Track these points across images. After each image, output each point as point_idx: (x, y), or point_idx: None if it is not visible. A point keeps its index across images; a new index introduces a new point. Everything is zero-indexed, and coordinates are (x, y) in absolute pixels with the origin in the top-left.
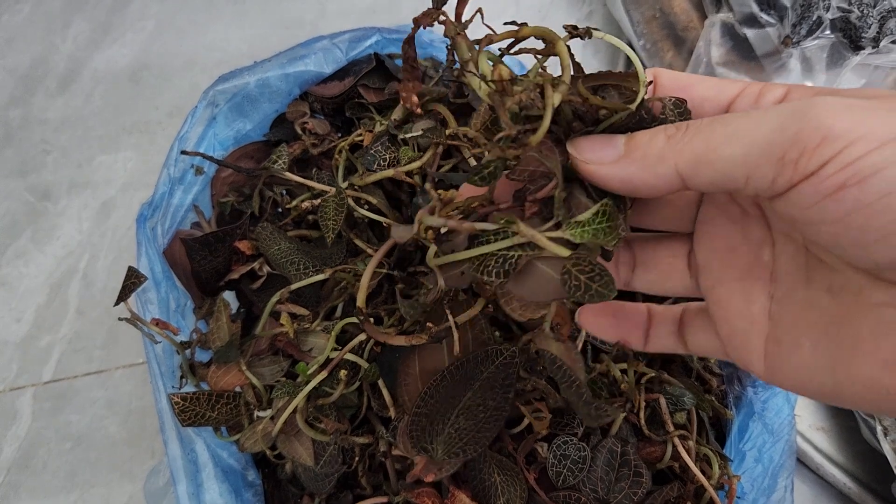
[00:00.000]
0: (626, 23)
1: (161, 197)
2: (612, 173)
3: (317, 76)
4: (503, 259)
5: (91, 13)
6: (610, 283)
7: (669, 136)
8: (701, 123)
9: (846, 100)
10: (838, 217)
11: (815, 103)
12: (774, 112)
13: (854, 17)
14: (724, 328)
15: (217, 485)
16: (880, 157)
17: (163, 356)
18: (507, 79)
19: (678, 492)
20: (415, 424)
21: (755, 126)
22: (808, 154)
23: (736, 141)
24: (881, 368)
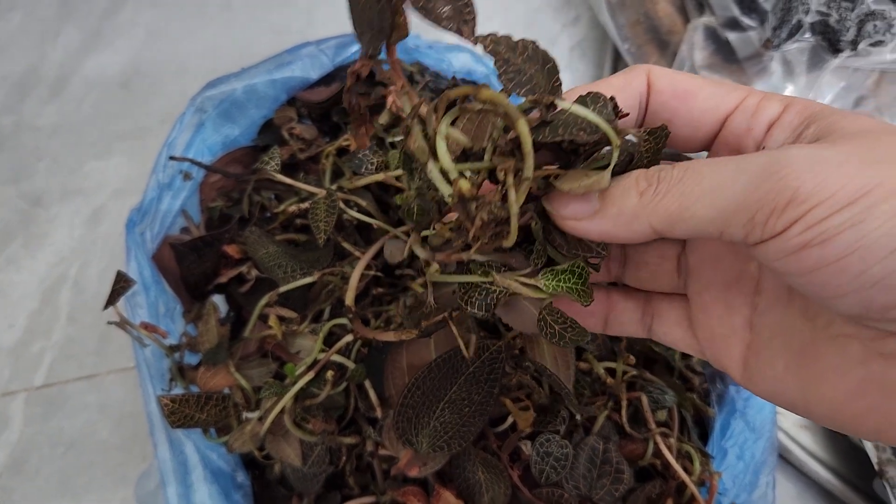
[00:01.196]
0: (612, 27)
1: (150, 202)
2: (588, 228)
3: (304, 82)
4: (486, 292)
5: (82, 21)
6: (581, 333)
7: (642, 193)
8: (672, 178)
9: (818, 152)
10: (803, 273)
11: (784, 160)
12: (748, 166)
13: (833, 21)
14: (704, 331)
15: (207, 486)
16: (840, 220)
17: (152, 360)
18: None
19: (660, 489)
20: (401, 416)
21: (726, 187)
22: (775, 216)
23: (707, 202)
24: (844, 398)
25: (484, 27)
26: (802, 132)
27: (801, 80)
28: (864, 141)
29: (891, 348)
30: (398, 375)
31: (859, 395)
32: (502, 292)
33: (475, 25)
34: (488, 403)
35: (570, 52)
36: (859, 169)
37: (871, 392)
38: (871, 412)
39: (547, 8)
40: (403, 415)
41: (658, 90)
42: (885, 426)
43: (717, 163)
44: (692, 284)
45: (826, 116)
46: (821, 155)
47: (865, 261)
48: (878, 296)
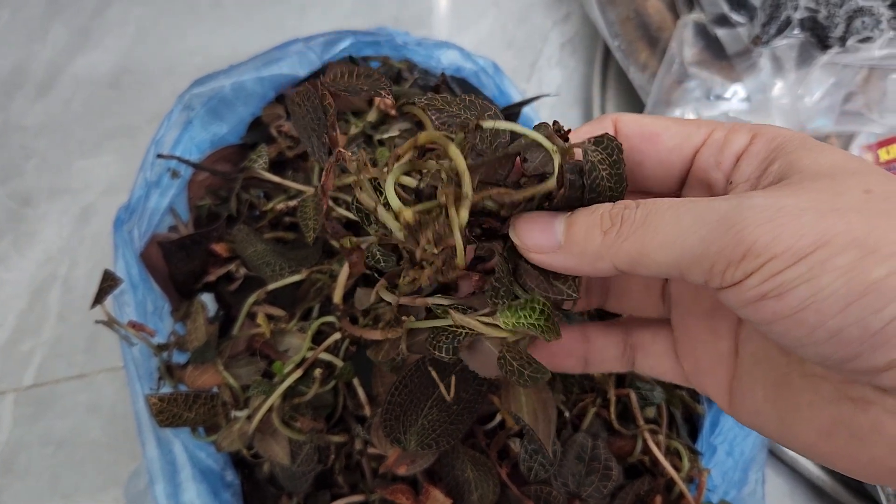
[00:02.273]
0: (602, 24)
1: (137, 200)
2: (553, 262)
3: (292, 79)
4: (452, 335)
5: (71, 18)
6: (541, 369)
7: (605, 233)
8: (634, 221)
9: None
10: (762, 322)
11: (742, 211)
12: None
13: (821, 17)
14: (689, 360)
15: (195, 485)
16: (795, 274)
17: (140, 359)
18: (412, 222)
19: (649, 485)
20: (388, 414)
21: (683, 238)
22: (732, 267)
23: (667, 250)
24: (815, 437)
25: (475, 25)
26: (767, 167)
27: (790, 77)
28: (824, 185)
29: (857, 393)
30: (386, 374)
31: (830, 436)
32: (466, 334)
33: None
34: (476, 401)
35: (561, 48)
36: (816, 220)
37: (840, 434)
38: (840, 454)
39: (538, 5)
40: (391, 413)
41: (626, 135)
42: (855, 469)
43: (677, 209)
44: (676, 312)
45: (791, 151)
46: (778, 205)
47: (820, 315)
48: (833, 350)
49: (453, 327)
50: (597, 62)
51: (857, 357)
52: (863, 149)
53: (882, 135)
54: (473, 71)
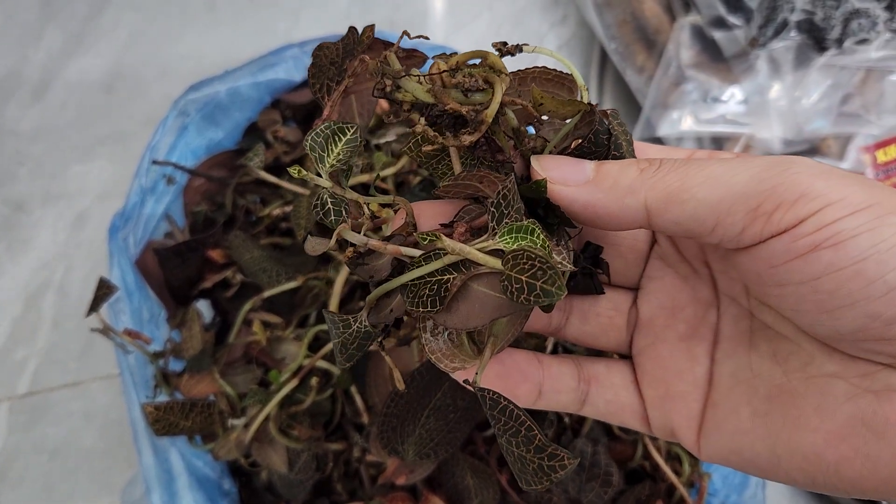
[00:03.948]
0: (598, 26)
1: (133, 207)
2: (577, 195)
3: (287, 84)
4: (437, 284)
5: (65, 23)
6: (555, 279)
7: (642, 170)
8: (676, 162)
9: (824, 165)
10: (807, 279)
11: (794, 161)
12: (753, 162)
13: (818, 19)
14: (656, 389)
15: (192, 494)
16: (857, 223)
17: (136, 366)
18: (445, 69)
19: (650, 490)
20: (385, 426)
21: (733, 172)
22: (784, 208)
23: (712, 184)
24: (824, 443)
25: (471, 27)
26: None
27: (787, 79)
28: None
29: (881, 383)
30: (381, 383)
31: (842, 439)
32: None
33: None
34: (474, 408)
35: (558, 51)
36: (863, 187)
37: (856, 433)
38: (856, 456)
39: (534, 7)
40: (388, 424)
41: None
42: (868, 472)
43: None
44: (643, 338)
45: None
46: (827, 167)
47: (881, 266)
48: (887, 307)
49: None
50: (594, 65)
51: None
52: (860, 150)
53: (879, 136)
54: None
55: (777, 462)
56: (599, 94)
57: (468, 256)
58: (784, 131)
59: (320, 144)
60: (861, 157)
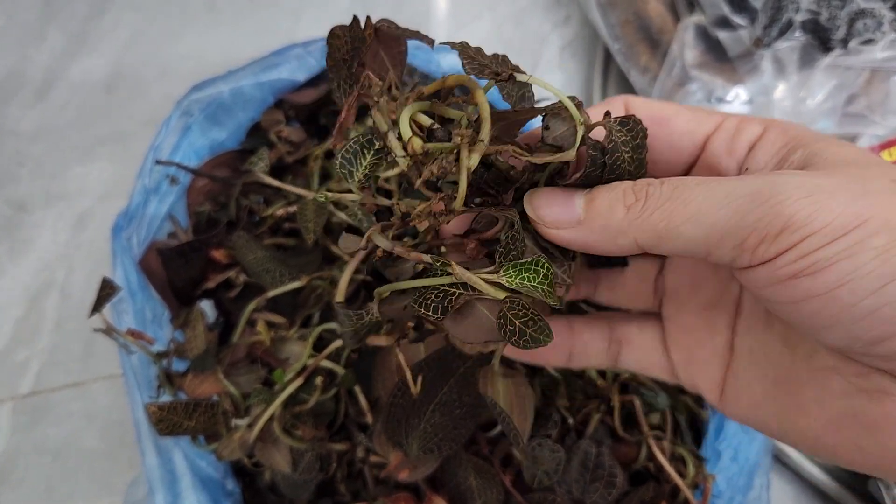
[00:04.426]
0: (602, 26)
1: (136, 207)
2: (571, 238)
3: (291, 84)
4: (443, 294)
5: (66, 24)
6: (545, 330)
7: (629, 208)
8: (660, 195)
9: (812, 180)
10: (791, 301)
11: (778, 186)
12: (739, 189)
13: (823, 19)
14: (681, 353)
15: (195, 494)
16: (836, 250)
17: (139, 367)
18: (419, 152)
19: (654, 492)
20: (390, 416)
21: (717, 207)
22: (767, 242)
23: (696, 222)
24: (822, 430)
25: (473, 26)
26: (787, 156)
27: (792, 79)
28: (853, 171)
29: (874, 385)
30: (387, 376)
31: (837, 429)
32: (459, 294)
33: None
34: (479, 406)
35: (561, 51)
36: (851, 200)
37: (849, 427)
38: (848, 446)
39: (537, 7)
40: (393, 416)
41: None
42: (860, 459)
43: (707, 183)
44: (670, 305)
45: (811, 143)
46: (815, 183)
47: (855, 294)
48: (865, 330)
49: (445, 286)
50: (597, 65)
51: (888, 339)
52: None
53: (885, 136)
54: None
55: (785, 435)
56: (603, 94)
57: (472, 284)
58: None
59: (349, 161)
60: None
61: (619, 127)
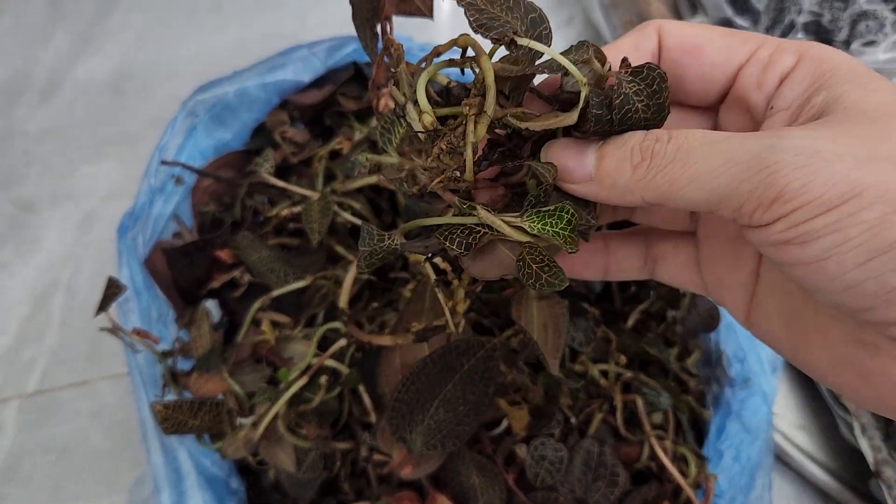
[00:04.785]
0: (605, 27)
1: (142, 207)
2: (585, 191)
3: (296, 85)
4: (469, 232)
5: (72, 25)
6: (559, 275)
7: (635, 168)
8: (664, 155)
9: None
10: (784, 263)
11: (776, 153)
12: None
13: (825, 21)
14: (712, 277)
15: (200, 493)
16: (822, 224)
17: (145, 366)
18: (430, 127)
19: (656, 491)
20: (395, 411)
21: (714, 176)
22: (761, 210)
23: (697, 186)
24: (827, 369)
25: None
26: (811, 97)
27: None
28: (865, 129)
29: (868, 338)
30: (392, 374)
31: (839, 371)
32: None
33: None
34: (483, 403)
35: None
36: (850, 169)
37: (848, 372)
38: (849, 387)
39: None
40: (397, 410)
41: (668, 47)
42: (860, 401)
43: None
44: (703, 229)
45: (838, 84)
46: (815, 147)
47: (842, 266)
48: (849, 300)
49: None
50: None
51: (871, 310)
52: None
53: None
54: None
55: (801, 366)
56: None
57: (496, 227)
58: None
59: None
60: None
61: (630, 78)
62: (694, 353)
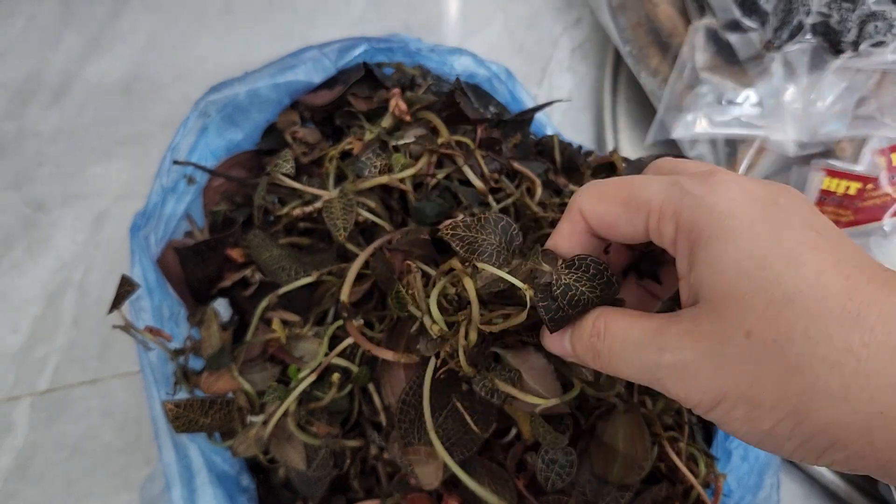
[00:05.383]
0: (613, 29)
1: (154, 206)
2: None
3: (306, 85)
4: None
5: (83, 27)
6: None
7: (592, 359)
8: (602, 355)
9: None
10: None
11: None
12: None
13: (833, 22)
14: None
15: (212, 489)
16: (714, 417)
17: (157, 364)
18: (440, 335)
19: (667, 492)
20: (403, 415)
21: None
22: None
23: (628, 375)
24: None
25: (483, 30)
26: (689, 278)
27: (802, 81)
28: (718, 327)
29: None
30: (396, 383)
31: None
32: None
33: None
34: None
35: (572, 54)
36: (711, 376)
37: None
38: None
39: (548, 10)
40: (405, 414)
41: (592, 226)
42: None
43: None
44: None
45: (701, 263)
46: (684, 362)
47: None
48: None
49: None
50: (608, 67)
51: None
52: (875, 153)
53: (895, 139)
54: (486, 77)
55: None
56: (613, 96)
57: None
58: (798, 134)
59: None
60: (876, 160)
61: (567, 271)
62: None
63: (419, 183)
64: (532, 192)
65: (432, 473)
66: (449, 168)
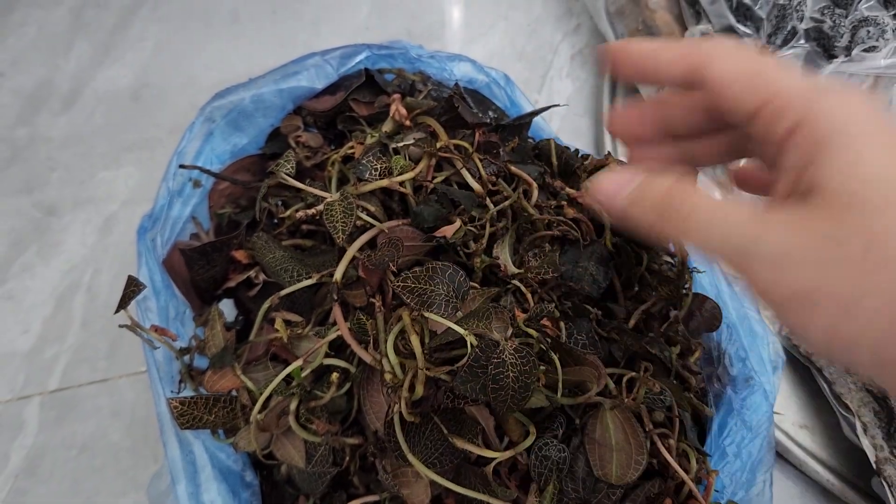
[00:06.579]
0: (611, 35)
1: (160, 209)
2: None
3: (309, 91)
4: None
5: (93, 35)
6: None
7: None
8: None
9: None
10: None
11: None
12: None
13: (827, 27)
14: None
15: (216, 485)
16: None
17: (162, 362)
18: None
19: (659, 488)
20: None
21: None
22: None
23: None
24: None
25: (485, 37)
26: (806, 166)
27: None
28: (834, 226)
29: None
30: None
31: None
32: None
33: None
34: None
35: (571, 60)
36: (812, 274)
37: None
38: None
39: (548, 17)
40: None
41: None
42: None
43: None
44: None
45: (826, 158)
46: (783, 252)
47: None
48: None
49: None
50: (606, 73)
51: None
52: None
53: None
54: (486, 83)
55: None
56: (612, 102)
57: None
58: None
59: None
60: None
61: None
62: (696, 352)
63: (419, 186)
64: (529, 194)
65: (422, 492)
66: (448, 171)
